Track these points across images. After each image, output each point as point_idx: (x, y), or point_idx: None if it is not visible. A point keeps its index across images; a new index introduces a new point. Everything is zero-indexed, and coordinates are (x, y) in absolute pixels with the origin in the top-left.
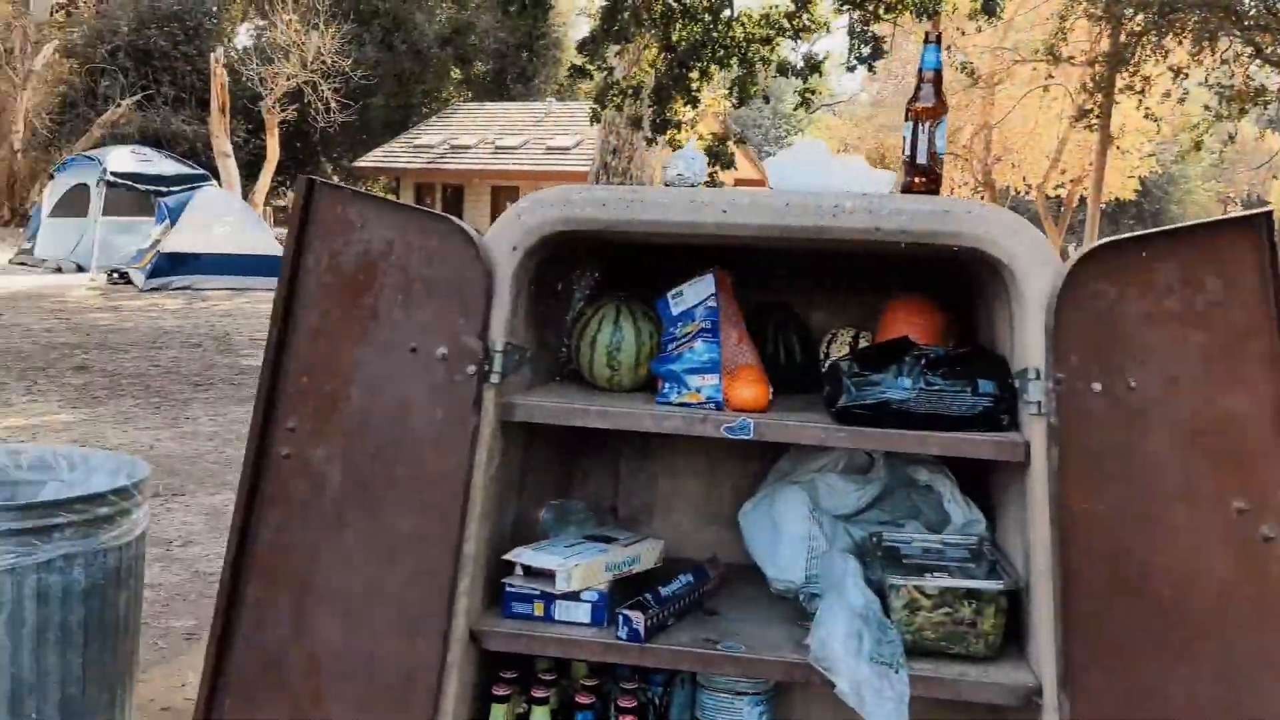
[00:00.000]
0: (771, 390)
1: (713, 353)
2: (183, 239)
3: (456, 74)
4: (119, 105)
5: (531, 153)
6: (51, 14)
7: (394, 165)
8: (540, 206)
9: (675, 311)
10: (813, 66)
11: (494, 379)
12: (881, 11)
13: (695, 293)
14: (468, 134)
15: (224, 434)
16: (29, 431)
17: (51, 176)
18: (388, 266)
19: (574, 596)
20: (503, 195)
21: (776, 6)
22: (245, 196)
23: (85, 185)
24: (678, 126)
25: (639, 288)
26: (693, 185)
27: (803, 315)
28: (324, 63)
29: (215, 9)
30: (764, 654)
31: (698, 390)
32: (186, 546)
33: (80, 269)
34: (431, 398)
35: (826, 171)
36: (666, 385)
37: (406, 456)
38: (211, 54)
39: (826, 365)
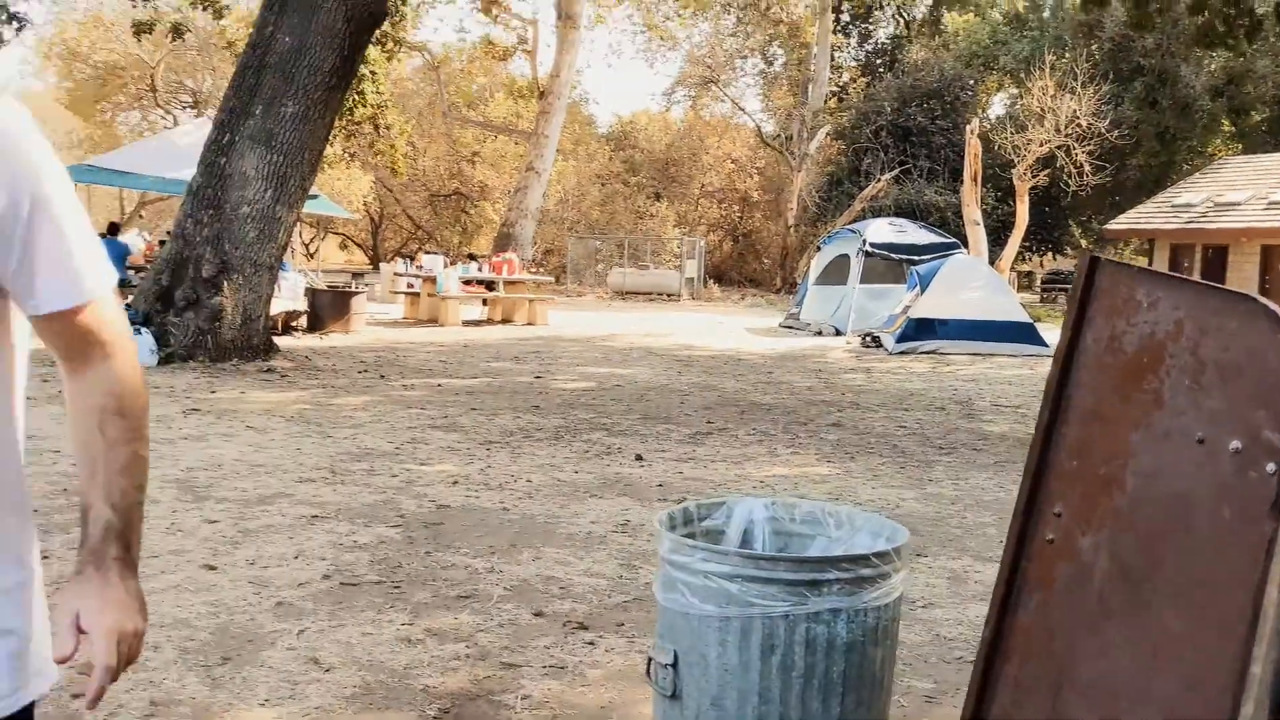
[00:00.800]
0: None
1: None
2: (931, 305)
3: (1227, 126)
4: (879, 180)
5: None
6: (825, 101)
7: (1148, 227)
8: None
9: None
10: None
11: None
12: None
13: None
14: (1236, 190)
15: (965, 499)
16: (791, 481)
17: (818, 248)
18: (1175, 349)
19: None
20: (1275, 255)
21: None
22: (991, 262)
23: (846, 255)
24: None
25: None
26: None
27: None
28: (1079, 126)
29: (972, 83)
30: None
31: None
32: (928, 608)
33: (838, 332)
34: (1217, 494)
35: None
36: None
37: (1181, 554)
38: (966, 126)
39: None
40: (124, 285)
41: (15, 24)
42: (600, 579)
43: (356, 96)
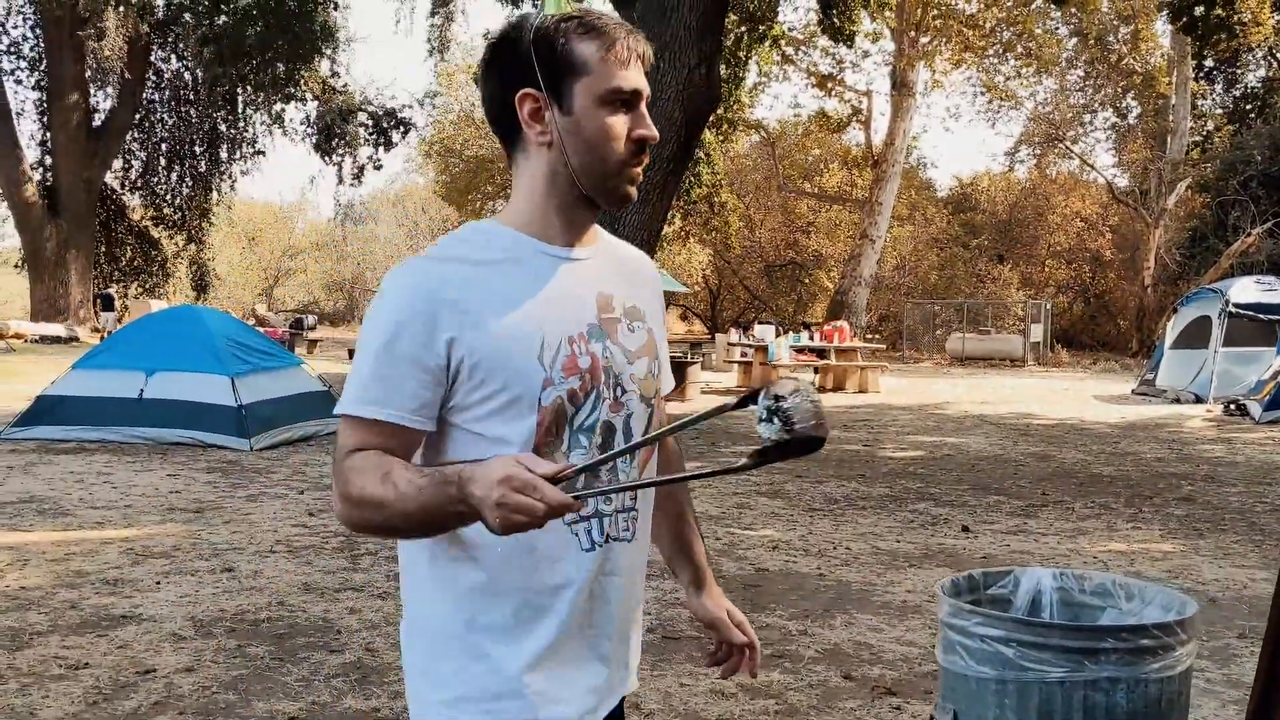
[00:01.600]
0: None
1: None
2: None
3: None
4: (1248, 235)
5: None
6: (1186, 153)
7: None
8: None
9: None
10: None
11: None
12: None
13: None
14: None
15: None
16: (1128, 557)
17: (1175, 310)
18: None
19: None
20: None
21: None
22: None
23: (1207, 317)
24: None
25: None
26: None
27: None
28: None
29: None
30: None
31: None
32: None
33: (1197, 400)
34: None
35: None
36: None
37: None
38: None
39: None
40: None
41: (402, 129)
42: (912, 647)
43: (692, 178)
